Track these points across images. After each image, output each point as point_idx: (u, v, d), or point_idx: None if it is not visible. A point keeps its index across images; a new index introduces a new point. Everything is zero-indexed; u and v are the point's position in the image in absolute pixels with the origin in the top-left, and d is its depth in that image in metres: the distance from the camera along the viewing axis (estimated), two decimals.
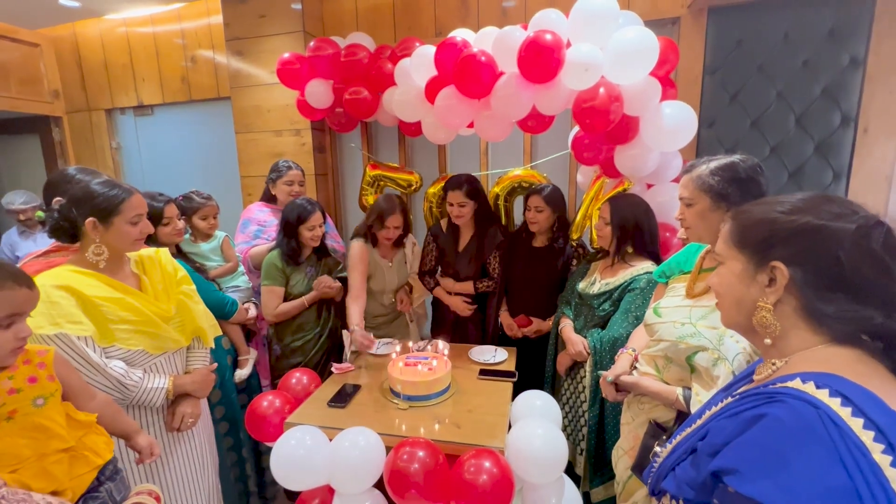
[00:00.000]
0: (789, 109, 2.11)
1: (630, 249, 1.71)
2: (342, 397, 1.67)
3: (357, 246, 2.14)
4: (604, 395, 1.37)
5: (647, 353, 1.29)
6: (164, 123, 3.16)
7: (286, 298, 2.01)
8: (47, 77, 3.25)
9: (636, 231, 1.69)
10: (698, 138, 2.24)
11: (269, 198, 2.33)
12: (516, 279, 2.16)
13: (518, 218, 2.45)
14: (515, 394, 1.69)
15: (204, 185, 3.11)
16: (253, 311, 2.02)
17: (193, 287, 1.41)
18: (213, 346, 1.48)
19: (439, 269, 2.34)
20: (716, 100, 2.19)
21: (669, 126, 1.69)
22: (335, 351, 2.19)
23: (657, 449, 1.15)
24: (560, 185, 2.38)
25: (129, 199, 1.17)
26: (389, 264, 2.24)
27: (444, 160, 2.65)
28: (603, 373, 1.39)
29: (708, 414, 0.66)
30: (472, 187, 2.09)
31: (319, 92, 2.31)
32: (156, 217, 1.63)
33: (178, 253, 1.83)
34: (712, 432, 0.60)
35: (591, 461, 1.71)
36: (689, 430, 0.69)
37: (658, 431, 1.19)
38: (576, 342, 1.72)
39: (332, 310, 2.18)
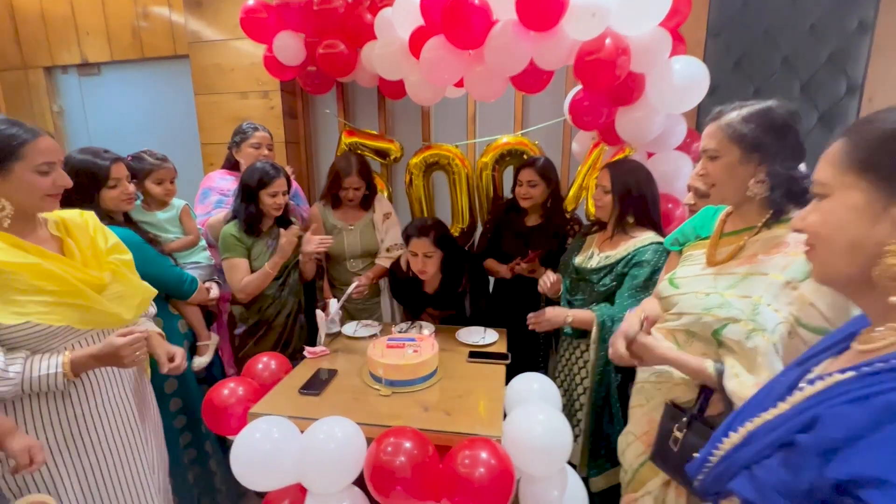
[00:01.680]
0: (795, 76, 2.01)
1: (631, 220, 1.56)
2: (316, 384, 1.48)
3: (313, 208, 2.11)
4: (611, 356, 1.17)
5: (665, 328, 1.15)
6: (114, 84, 2.82)
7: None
8: None
9: (639, 199, 1.54)
10: (698, 106, 2.11)
11: (232, 165, 2.09)
12: (506, 259, 2.00)
13: (507, 189, 2.28)
14: (508, 378, 1.54)
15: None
16: (215, 291, 1.79)
17: (130, 258, 1.18)
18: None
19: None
20: (719, 65, 2.06)
21: (679, 84, 1.55)
22: (308, 334, 1.99)
23: (678, 434, 1.03)
24: (553, 155, 2.23)
25: (33, 141, 0.93)
26: (350, 227, 2.05)
27: (428, 128, 2.44)
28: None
29: (802, 396, 0.51)
30: (440, 233, 1.78)
31: (290, 46, 2.06)
32: (100, 178, 1.38)
33: (127, 222, 1.58)
34: (826, 421, 0.45)
35: (589, 447, 1.58)
36: (767, 415, 0.53)
37: (678, 413, 1.06)
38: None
39: (302, 285, 1.97)
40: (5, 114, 2.96)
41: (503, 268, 1.97)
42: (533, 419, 1.23)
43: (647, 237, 1.53)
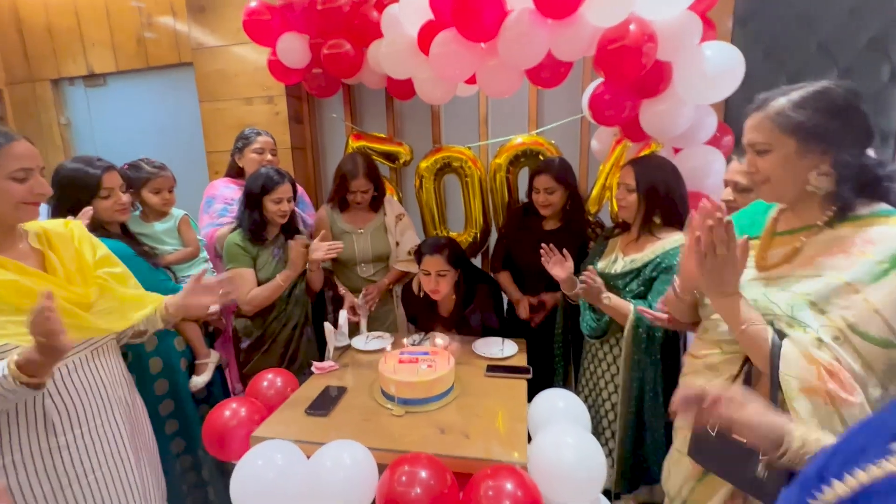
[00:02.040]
0: (832, 63, 1.86)
1: (658, 220, 1.44)
2: (324, 403, 1.37)
3: (319, 212, 2.02)
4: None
5: (708, 339, 1.02)
6: (119, 95, 2.79)
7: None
8: None
9: (666, 197, 1.42)
10: (726, 99, 1.97)
11: (236, 172, 2.01)
12: (526, 270, 1.88)
13: (523, 190, 2.17)
14: (529, 393, 1.42)
15: (169, 164, 2.77)
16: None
17: (120, 270, 1.09)
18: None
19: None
20: (748, 54, 1.90)
21: (711, 72, 1.42)
22: (316, 346, 1.88)
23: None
24: (570, 154, 2.11)
25: (6, 145, 0.85)
26: (360, 230, 1.96)
27: (438, 130, 2.35)
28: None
29: None
30: (453, 251, 1.69)
31: (294, 48, 1.99)
32: (91, 187, 1.31)
33: (124, 233, 1.51)
34: None
35: (625, 474, 1.44)
36: (891, 465, 0.41)
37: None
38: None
39: (309, 296, 1.88)
40: (14, 127, 2.96)
41: (519, 299, 1.87)
42: (562, 443, 1.11)
43: (675, 238, 1.40)
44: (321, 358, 1.70)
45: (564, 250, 1.52)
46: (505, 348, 1.68)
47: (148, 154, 1.77)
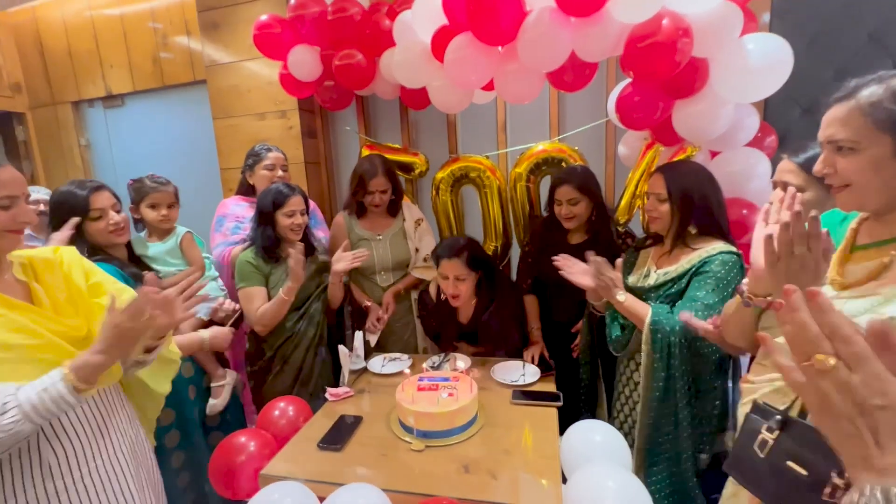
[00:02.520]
0: (884, 55, 1.70)
1: (694, 230, 1.30)
2: (337, 435, 1.28)
3: (336, 219, 1.94)
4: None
5: (768, 365, 0.89)
6: (136, 114, 2.80)
7: None
8: (7, 68, 2.91)
9: (702, 205, 1.28)
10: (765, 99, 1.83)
11: (246, 189, 1.96)
12: (554, 288, 1.75)
13: (544, 198, 2.05)
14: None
15: (182, 182, 2.74)
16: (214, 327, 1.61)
17: (120, 293, 1.02)
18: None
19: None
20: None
21: (755, 66, 1.29)
22: (332, 369, 1.79)
23: (767, 436, 0.79)
24: (595, 161, 1.99)
25: None
26: (378, 237, 1.87)
27: (455, 139, 2.26)
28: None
29: None
30: (473, 254, 1.59)
31: (305, 61, 1.94)
32: (78, 209, 1.26)
33: (129, 257, 1.46)
34: None
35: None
36: None
37: (769, 411, 0.83)
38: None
39: (328, 315, 1.79)
40: (37, 150, 3.00)
41: (533, 342, 1.75)
42: (602, 486, 0.98)
43: (714, 246, 1.27)
44: (336, 379, 1.61)
45: (589, 254, 1.38)
46: (526, 374, 1.56)
47: (164, 172, 1.75)
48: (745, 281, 0.94)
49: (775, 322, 0.90)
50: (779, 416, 0.81)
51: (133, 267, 1.40)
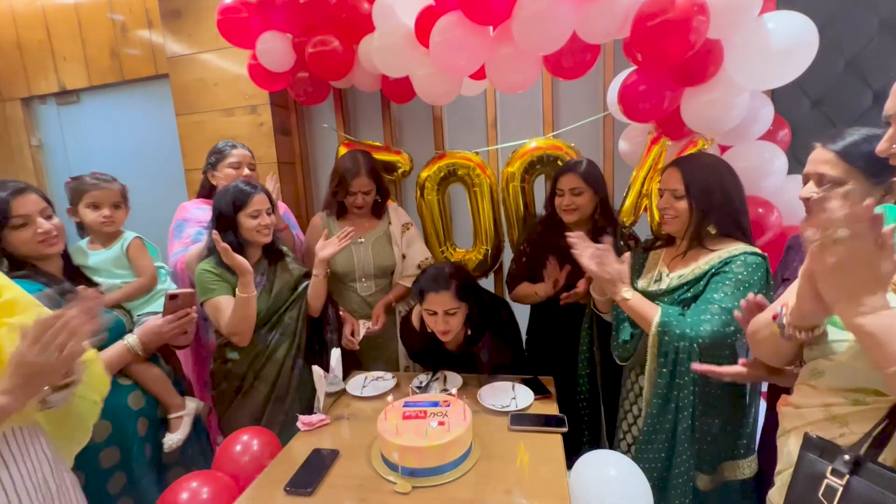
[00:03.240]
0: None
1: (713, 230, 1.16)
2: (309, 475, 1.09)
3: (313, 220, 1.78)
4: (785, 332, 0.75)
5: (830, 385, 0.74)
6: (93, 112, 2.57)
7: None
8: None
9: (723, 202, 1.14)
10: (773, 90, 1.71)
11: (208, 192, 1.75)
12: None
13: (540, 203, 1.90)
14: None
15: (144, 185, 2.51)
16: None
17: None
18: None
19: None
20: None
21: (776, 48, 1.16)
22: (310, 389, 1.58)
23: (834, 481, 0.65)
24: (592, 159, 1.85)
25: None
26: (360, 240, 1.69)
27: (441, 136, 2.09)
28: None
29: None
30: (463, 284, 1.40)
31: (275, 49, 1.76)
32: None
33: (66, 269, 1.25)
34: None
35: None
36: None
37: (831, 448, 0.68)
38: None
39: (302, 324, 1.59)
40: None
41: (541, 286, 1.58)
42: None
43: (737, 248, 1.12)
44: (311, 410, 1.41)
45: (605, 238, 1.23)
46: (517, 397, 1.38)
47: (125, 174, 1.54)
48: (784, 311, 0.77)
49: (823, 339, 0.75)
50: (847, 456, 0.66)
51: (68, 282, 1.19)
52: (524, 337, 1.73)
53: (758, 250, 1.10)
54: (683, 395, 1.06)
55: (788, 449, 0.80)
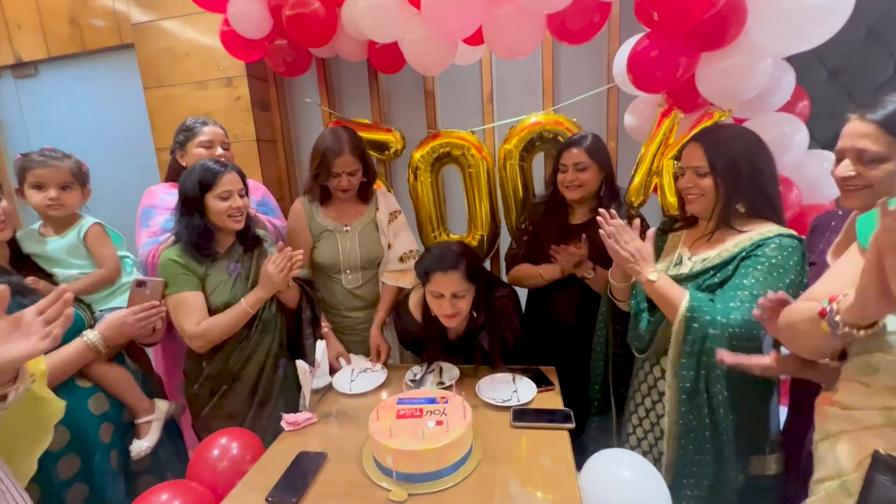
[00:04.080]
0: None
1: (742, 208, 1.06)
2: (293, 483, 0.99)
3: (294, 206, 1.61)
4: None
5: (888, 386, 0.65)
6: (54, 86, 2.36)
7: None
8: None
9: (753, 178, 1.04)
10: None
11: (178, 173, 1.58)
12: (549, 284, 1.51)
13: (540, 184, 1.79)
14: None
15: (113, 167, 2.35)
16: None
17: None
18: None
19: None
20: None
21: (806, 6, 1.05)
22: (296, 384, 1.47)
23: None
24: None
25: None
26: (345, 228, 1.56)
27: (434, 112, 1.95)
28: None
29: None
30: (472, 266, 1.28)
31: (250, 12, 1.59)
32: None
33: (14, 258, 1.11)
34: None
35: None
36: None
37: None
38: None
39: (286, 317, 1.47)
40: None
41: (546, 268, 1.47)
42: None
43: (769, 229, 1.03)
44: (296, 408, 1.30)
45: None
46: (519, 391, 1.29)
47: (91, 155, 1.38)
48: (835, 307, 0.66)
49: (883, 343, 0.66)
50: None
51: (16, 274, 1.05)
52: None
53: (793, 232, 1.00)
54: (716, 391, 0.97)
55: (836, 456, 0.71)
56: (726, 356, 0.89)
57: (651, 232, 1.11)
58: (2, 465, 0.84)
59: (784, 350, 0.88)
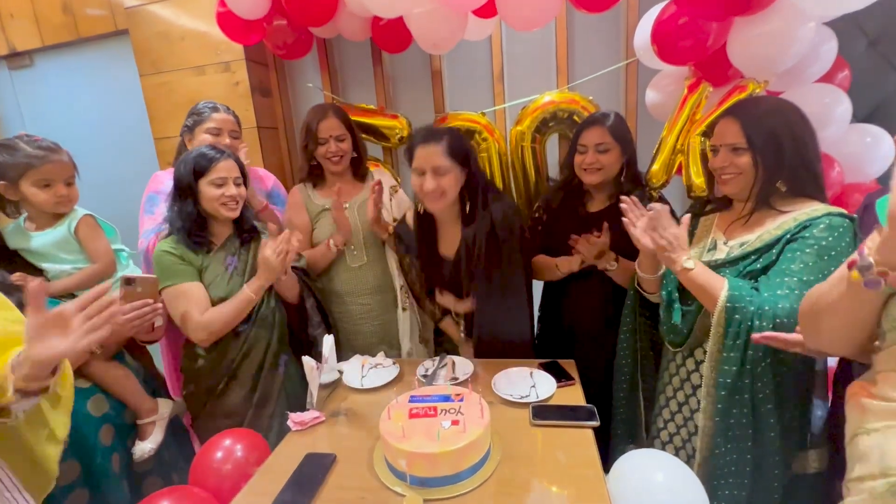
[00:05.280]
0: None
1: (784, 187, 0.97)
2: (301, 487, 0.93)
3: (291, 192, 1.62)
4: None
5: None
6: (49, 76, 2.30)
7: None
8: None
9: (796, 154, 0.95)
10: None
11: None
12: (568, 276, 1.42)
13: (554, 168, 1.70)
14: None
15: (112, 157, 2.30)
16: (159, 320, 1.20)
17: None
18: None
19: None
20: None
21: None
22: (299, 382, 1.41)
23: None
24: None
25: None
26: (345, 206, 1.51)
27: (441, 93, 1.86)
28: None
29: None
30: (456, 143, 1.23)
31: None
32: None
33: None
34: None
35: None
36: None
37: None
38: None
39: (289, 312, 1.41)
40: None
41: (563, 260, 1.37)
42: None
43: (816, 209, 0.94)
44: (303, 406, 1.24)
45: (655, 205, 1.04)
46: (537, 385, 1.22)
47: (90, 146, 1.31)
48: (865, 249, 0.60)
49: None
50: None
51: (1, 270, 0.99)
52: (536, 314, 1.56)
53: (844, 211, 0.91)
54: (760, 387, 0.89)
55: (881, 453, 0.64)
56: (755, 335, 0.82)
57: (686, 218, 1.02)
58: (3, 466, 0.80)
59: None
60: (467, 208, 1.28)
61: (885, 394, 0.66)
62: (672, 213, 1.34)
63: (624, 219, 1.05)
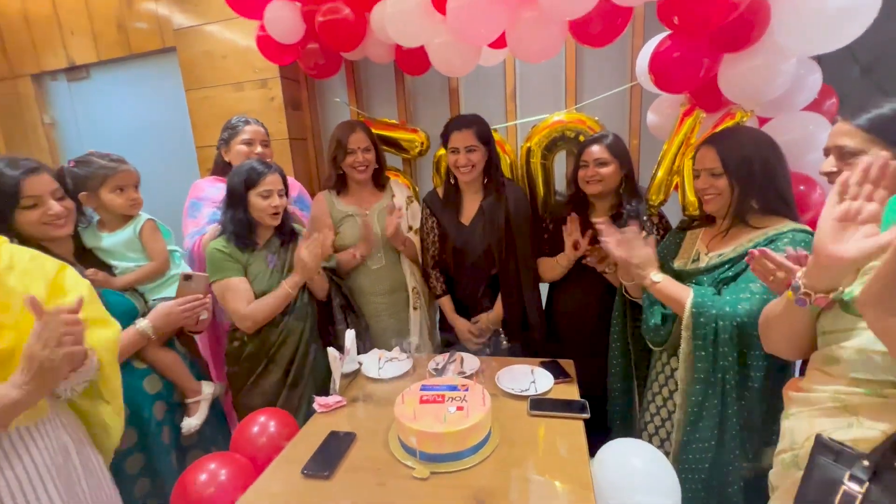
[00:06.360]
0: None
1: (756, 205, 1.09)
2: (326, 458, 1.08)
3: (316, 198, 1.76)
4: None
5: (847, 374, 0.70)
6: (103, 87, 2.52)
7: None
8: None
9: (765, 177, 1.07)
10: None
11: (223, 168, 1.72)
12: (566, 277, 1.56)
13: (560, 182, 1.83)
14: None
15: (156, 163, 2.49)
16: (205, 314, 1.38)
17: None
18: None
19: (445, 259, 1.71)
20: None
21: (833, 3, 1.05)
22: (325, 368, 1.57)
23: (852, 488, 0.63)
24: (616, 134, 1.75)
25: None
26: (365, 212, 1.68)
27: (458, 109, 2.01)
28: None
29: None
30: (483, 128, 1.57)
31: (284, 18, 1.67)
32: (8, 195, 1.02)
33: (78, 252, 1.23)
34: None
35: None
36: None
37: (847, 453, 0.66)
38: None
39: (314, 306, 1.58)
40: None
41: (562, 256, 1.53)
42: None
43: (784, 225, 1.06)
44: (327, 391, 1.40)
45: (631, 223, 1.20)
46: (537, 380, 1.35)
47: (136, 153, 1.50)
48: (799, 274, 0.74)
49: (841, 325, 0.70)
50: (866, 462, 0.62)
51: (79, 265, 1.17)
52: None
53: (806, 227, 1.03)
54: (729, 377, 1.02)
55: (791, 432, 0.78)
56: (753, 251, 0.90)
57: (651, 239, 1.18)
58: (93, 451, 0.97)
59: None
60: (485, 182, 1.62)
61: (806, 387, 0.79)
62: (668, 224, 1.47)
63: (602, 240, 1.19)
